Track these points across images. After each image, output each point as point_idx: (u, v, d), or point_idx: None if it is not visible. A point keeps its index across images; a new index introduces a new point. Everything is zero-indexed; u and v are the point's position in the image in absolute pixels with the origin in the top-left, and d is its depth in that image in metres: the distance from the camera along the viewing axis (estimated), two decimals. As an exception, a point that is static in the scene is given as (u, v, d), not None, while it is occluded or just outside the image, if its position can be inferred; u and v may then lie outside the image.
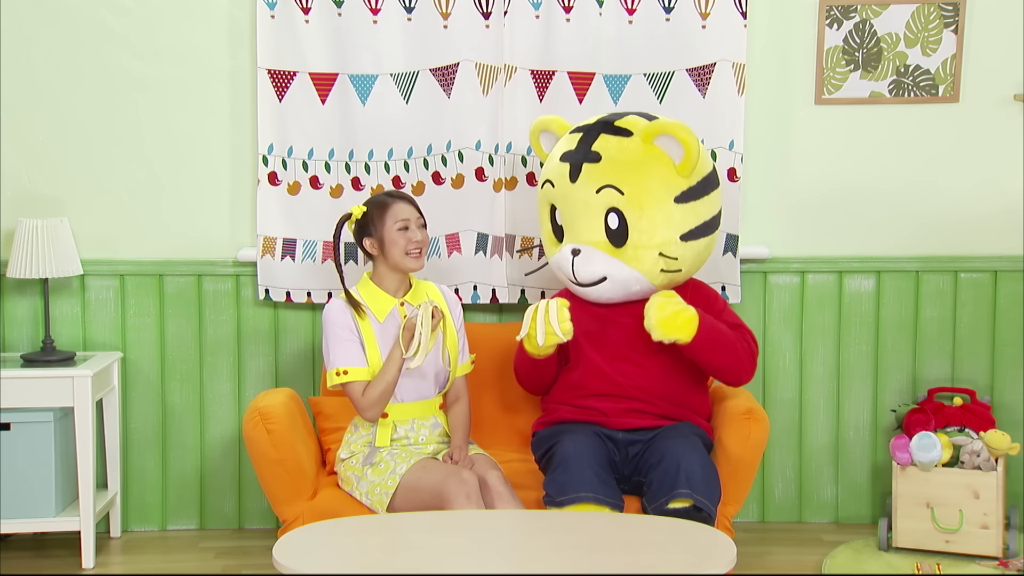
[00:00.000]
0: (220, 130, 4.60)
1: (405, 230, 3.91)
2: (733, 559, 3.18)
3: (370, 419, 3.89)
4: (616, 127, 4.02)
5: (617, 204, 3.96)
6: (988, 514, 4.25)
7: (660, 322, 3.83)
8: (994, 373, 4.70)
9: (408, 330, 3.82)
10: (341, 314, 3.91)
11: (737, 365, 3.95)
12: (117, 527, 4.63)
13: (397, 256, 3.92)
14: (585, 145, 4.02)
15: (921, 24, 4.54)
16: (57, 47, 4.54)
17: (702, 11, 4.48)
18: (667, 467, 3.73)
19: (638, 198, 3.94)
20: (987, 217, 4.66)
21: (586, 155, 4.00)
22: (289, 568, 3.11)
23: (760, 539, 4.59)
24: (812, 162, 4.65)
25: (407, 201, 3.96)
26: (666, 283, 4.04)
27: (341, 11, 4.47)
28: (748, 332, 4.03)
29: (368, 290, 3.97)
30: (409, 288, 4.01)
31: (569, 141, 4.09)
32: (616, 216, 3.96)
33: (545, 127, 4.26)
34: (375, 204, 3.96)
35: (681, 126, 3.93)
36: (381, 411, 3.88)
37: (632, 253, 3.97)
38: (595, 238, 3.99)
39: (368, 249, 3.96)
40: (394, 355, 3.84)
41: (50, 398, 4.29)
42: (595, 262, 3.99)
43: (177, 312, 4.65)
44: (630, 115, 4.07)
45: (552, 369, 4.06)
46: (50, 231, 4.37)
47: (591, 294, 4.04)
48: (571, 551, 3.25)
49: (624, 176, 3.95)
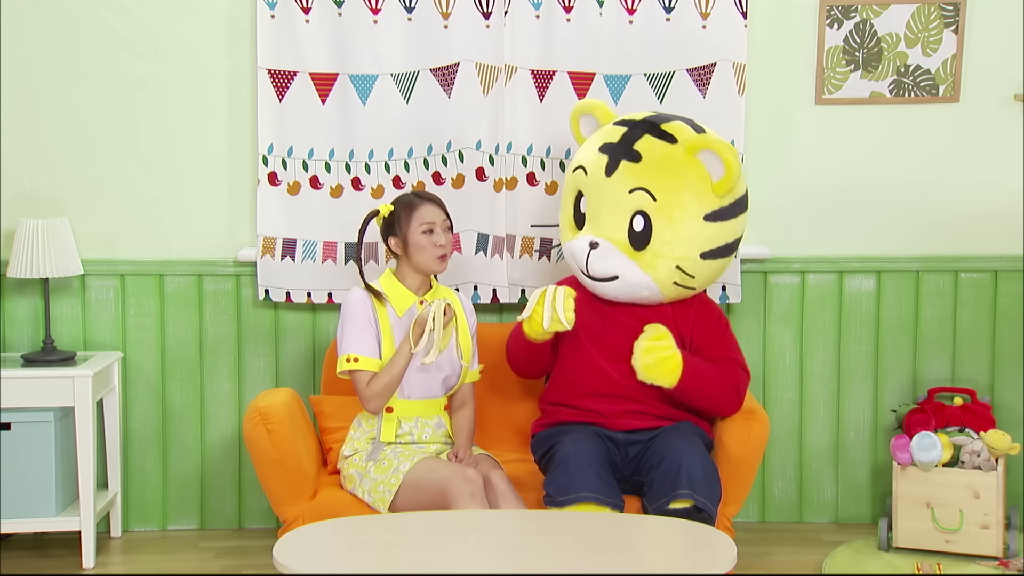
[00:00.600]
0: (220, 130, 4.60)
1: (430, 233, 3.93)
2: (733, 559, 3.18)
3: (372, 410, 3.89)
4: (662, 130, 3.98)
5: (647, 208, 3.93)
6: (988, 514, 4.25)
7: (643, 367, 3.87)
8: (994, 373, 4.70)
9: (419, 325, 3.83)
10: (361, 304, 3.92)
11: (718, 406, 3.99)
12: (117, 527, 4.63)
13: (420, 258, 3.94)
14: (628, 142, 3.99)
15: (921, 24, 4.54)
16: (57, 47, 4.54)
17: (702, 11, 4.48)
18: (668, 467, 3.73)
19: (669, 207, 3.92)
20: (987, 217, 4.66)
21: (627, 152, 3.97)
22: (289, 568, 3.11)
23: (760, 539, 4.59)
24: (812, 162, 4.65)
25: (434, 203, 3.98)
26: (675, 296, 4.04)
27: (341, 11, 4.47)
28: (738, 364, 4.03)
29: (391, 284, 3.99)
30: (430, 289, 4.03)
31: (611, 133, 4.05)
32: (643, 219, 3.94)
33: (588, 111, 4.21)
34: (402, 204, 3.97)
35: (727, 146, 3.90)
36: (384, 404, 3.89)
37: (650, 260, 3.96)
38: (617, 236, 3.98)
39: (392, 248, 3.98)
40: (403, 349, 3.85)
41: (50, 398, 4.28)
42: (611, 259, 3.98)
43: (177, 312, 4.65)
44: (677, 120, 4.03)
45: (545, 355, 4.06)
46: (50, 231, 4.37)
47: (598, 288, 4.04)
48: (571, 551, 3.25)
49: (660, 182, 3.92)
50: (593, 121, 4.21)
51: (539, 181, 4.56)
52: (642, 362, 3.87)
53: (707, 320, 4.06)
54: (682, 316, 4.04)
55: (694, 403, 3.97)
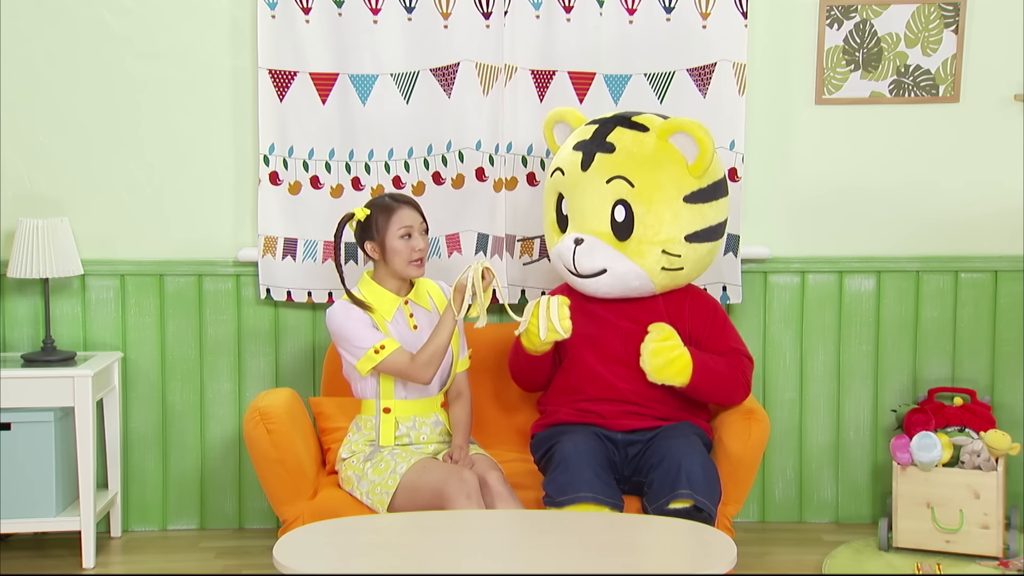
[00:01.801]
0: (221, 130, 4.60)
1: (408, 238, 3.91)
2: (733, 559, 3.18)
3: (425, 380, 3.83)
4: (633, 122, 4.05)
5: (626, 196, 3.97)
6: (988, 514, 4.25)
7: (653, 368, 3.89)
8: (994, 373, 4.70)
9: (459, 291, 3.80)
10: (348, 310, 3.90)
11: (728, 398, 4.02)
12: (117, 527, 4.63)
13: (398, 264, 3.92)
14: (600, 136, 4.04)
15: (921, 24, 4.54)
16: (57, 47, 4.54)
17: (702, 11, 4.48)
18: (668, 467, 3.73)
19: (648, 192, 3.95)
20: (987, 217, 4.66)
21: (600, 144, 4.02)
22: (289, 568, 3.11)
23: (760, 539, 4.59)
24: (812, 162, 4.65)
25: (411, 206, 3.95)
26: (667, 282, 4.04)
27: (341, 11, 4.47)
28: (743, 356, 4.05)
29: (371, 289, 3.97)
30: (411, 288, 4.01)
31: (584, 132, 4.11)
32: (623, 208, 3.97)
33: (560, 118, 4.26)
34: (379, 208, 3.94)
35: (698, 125, 3.96)
36: (435, 371, 3.84)
37: (635, 247, 3.98)
38: (600, 228, 4.00)
39: (369, 253, 3.96)
40: (447, 318, 3.83)
41: (50, 398, 4.29)
42: (597, 253, 3.99)
43: (177, 312, 4.65)
44: (647, 113, 4.11)
45: (547, 366, 4.07)
46: (50, 231, 4.37)
47: (589, 286, 4.04)
48: (571, 551, 3.25)
49: (636, 169, 3.97)
50: (566, 128, 4.26)
51: (539, 181, 4.56)
52: (652, 364, 3.89)
53: (703, 312, 4.07)
54: (675, 310, 4.05)
55: (705, 397, 4.00)
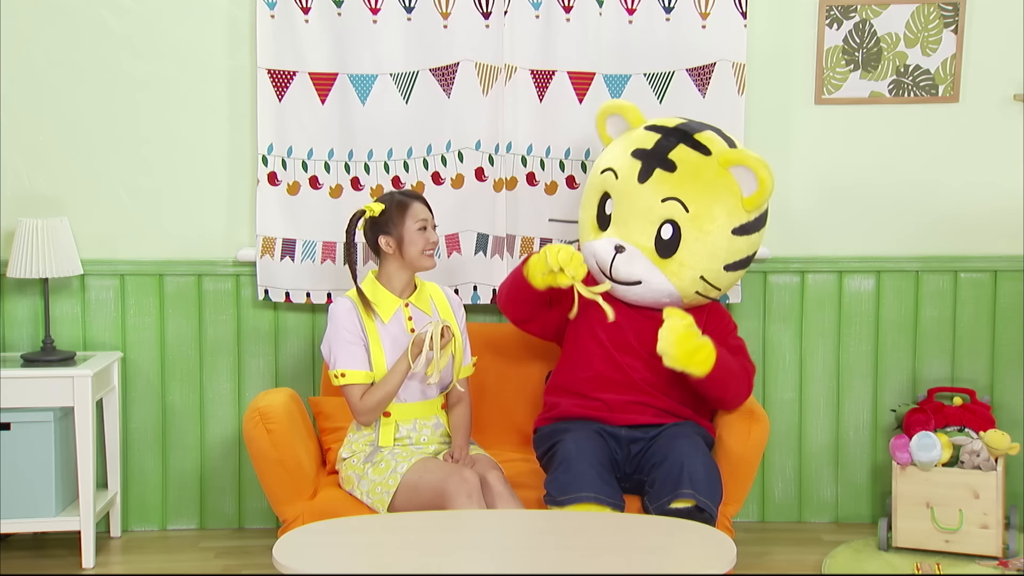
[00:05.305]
0: (220, 130, 4.60)
1: (423, 230, 3.93)
2: (733, 559, 3.18)
3: (364, 423, 3.90)
4: (696, 140, 4.00)
5: (678, 218, 3.95)
6: (988, 514, 4.25)
7: (680, 355, 3.82)
8: (994, 373, 4.70)
9: (417, 345, 3.83)
10: (347, 316, 3.90)
11: (735, 397, 4.00)
12: (117, 527, 4.63)
13: (414, 255, 3.93)
14: (662, 150, 4.00)
15: (921, 24, 4.54)
16: (57, 47, 4.54)
17: (702, 11, 4.48)
18: (670, 467, 3.73)
19: (701, 220, 3.94)
20: (987, 217, 4.66)
21: (662, 161, 3.98)
22: (289, 568, 3.11)
23: (760, 539, 4.59)
24: (812, 162, 4.66)
25: (423, 202, 3.98)
26: (696, 301, 4.05)
27: (341, 11, 4.47)
28: (747, 358, 4.06)
29: (373, 290, 3.97)
30: (414, 290, 4.02)
31: (644, 138, 4.06)
32: (672, 228, 3.96)
33: (617, 111, 4.21)
34: (395, 203, 3.95)
35: (763, 163, 3.93)
36: (376, 417, 3.90)
37: (675, 268, 3.97)
38: (643, 242, 3.99)
39: (383, 247, 3.95)
40: (399, 366, 3.85)
41: (50, 398, 4.29)
42: (637, 264, 3.99)
43: (177, 312, 4.65)
44: (708, 130, 4.05)
45: (531, 303, 4.05)
46: (50, 231, 4.37)
47: (618, 290, 4.04)
48: (571, 551, 3.26)
49: (694, 195, 3.94)
50: (621, 122, 4.21)
51: (539, 181, 4.56)
52: (679, 350, 3.82)
53: (717, 321, 4.10)
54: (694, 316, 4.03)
55: (714, 392, 3.95)
